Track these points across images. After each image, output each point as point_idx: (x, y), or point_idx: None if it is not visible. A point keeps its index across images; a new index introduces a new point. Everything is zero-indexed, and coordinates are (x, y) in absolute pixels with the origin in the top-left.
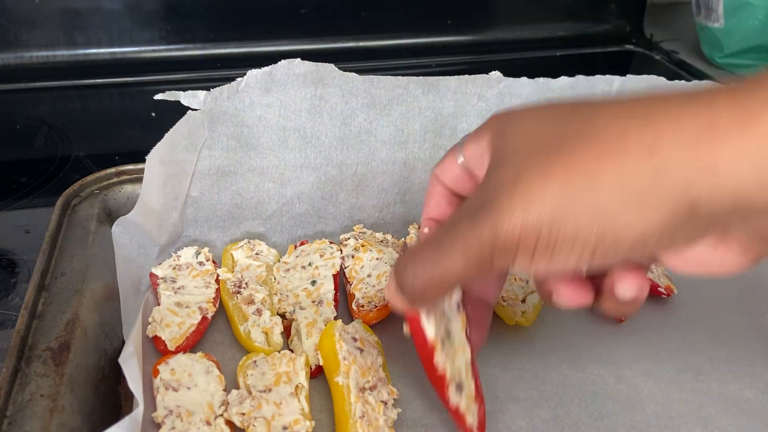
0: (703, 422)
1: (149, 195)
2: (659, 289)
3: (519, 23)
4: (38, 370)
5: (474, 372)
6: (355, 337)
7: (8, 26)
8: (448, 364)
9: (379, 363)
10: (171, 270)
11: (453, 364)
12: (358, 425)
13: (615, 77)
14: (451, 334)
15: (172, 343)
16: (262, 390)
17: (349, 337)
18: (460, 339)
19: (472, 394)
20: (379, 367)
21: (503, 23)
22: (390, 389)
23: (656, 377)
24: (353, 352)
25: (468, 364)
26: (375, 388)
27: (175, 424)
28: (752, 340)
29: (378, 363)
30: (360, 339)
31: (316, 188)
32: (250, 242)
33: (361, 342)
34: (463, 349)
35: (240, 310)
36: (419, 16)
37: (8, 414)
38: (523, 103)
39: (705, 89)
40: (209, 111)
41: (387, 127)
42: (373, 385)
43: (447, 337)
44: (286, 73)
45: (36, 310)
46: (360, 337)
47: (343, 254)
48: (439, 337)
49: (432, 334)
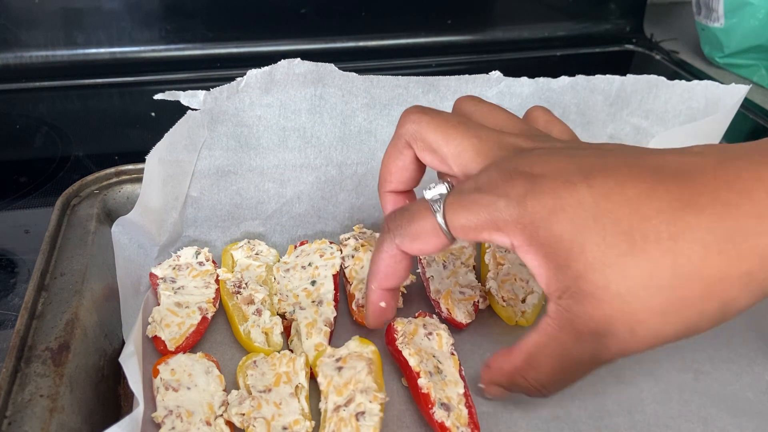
0: (704, 422)
1: (149, 195)
2: None
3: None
4: (38, 371)
5: (468, 403)
6: (338, 358)
7: (8, 26)
8: (433, 386)
9: (364, 373)
10: (171, 270)
11: (442, 390)
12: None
13: (615, 77)
14: (442, 372)
15: (172, 343)
16: (261, 390)
17: (332, 360)
18: (452, 376)
19: (463, 419)
20: (367, 376)
21: (503, 23)
22: (374, 395)
23: (656, 377)
24: (330, 374)
25: (461, 396)
26: (351, 401)
27: (175, 425)
28: (753, 339)
29: (363, 373)
30: (343, 358)
31: (316, 188)
32: (250, 242)
33: (343, 360)
34: (455, 384)
35: (240, 310)
36: (419, 16)
37: (8, 414)
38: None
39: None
40: (209, 111)
41: (387, 127)
42: (348, 400)
43: (437, 372)
44: (286, 73)
45: (36, 310)
46: (344, 356)
47: (343, 254)
48: (427, 370)
49: (414, 363)
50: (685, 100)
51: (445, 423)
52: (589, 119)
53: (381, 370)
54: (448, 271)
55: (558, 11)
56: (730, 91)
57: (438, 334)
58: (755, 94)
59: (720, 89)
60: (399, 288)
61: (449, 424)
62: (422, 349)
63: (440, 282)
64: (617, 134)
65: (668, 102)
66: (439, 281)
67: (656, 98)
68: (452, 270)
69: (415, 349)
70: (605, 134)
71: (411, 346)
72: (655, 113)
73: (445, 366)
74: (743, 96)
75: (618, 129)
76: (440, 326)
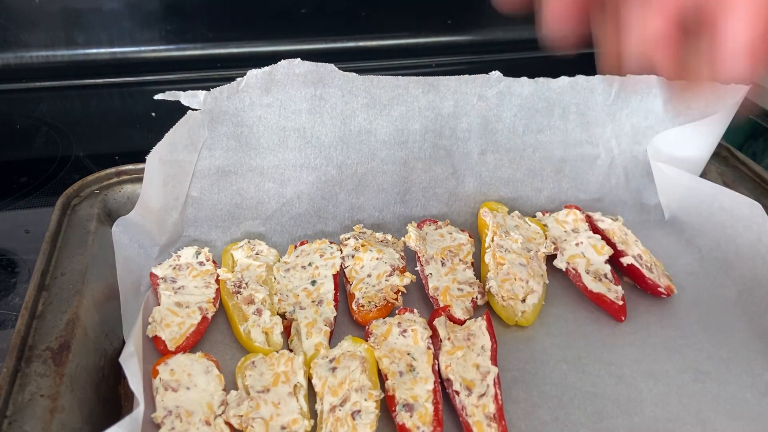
0: (702, 425)
1: (149, 195)
2: (659, 289)
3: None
4: (38, 370)
5: (435, 399)
6: (332, 359)
7: (8, 26)
8: (398, 389)
9: (358, 372)
10: (171, 270)
11: (411, 388)
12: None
13: (615, 77)
14: (414, 369)
15: (172, 343)
16: (260, 390)
17: (325, 361)
18: (424, 371)
19: (428, 417)
20: (361, 374)
21: (503, 23)
22: (369, 393)
23: (656, 377)
24: (324, 376)
25: (429, 393)
26: (347, 400)
27: (174, 425)
28: (751, 340)
29: (357, 372)
30: (337, 358)
31: (316, 188)
32: (250, 242)
33: (337, 360)
34: (426, 380)
35: (240, 310)
36: (419, 16)
37: (8, 414)
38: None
39: None
40: (209, 111)
41: (387, 127)
42: (344, 399)
43: (409, 371)
44: (286, 73)
45: (36, 310)
46: (338, 356)
47: (343, 254)
48: (396, 371)
49: (384, 366)
50: (685, 100)
51: (405, 425)
52: (589, 119)
53: (375, 368)
54: (446, 269)
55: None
56: (730, 90)
57: (413, 329)
58: (755, 94)
59: (720, 89)
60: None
61: (410, 425)
62: (395, 349)
63: (438, 279)
64: (617, 133)
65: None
66: (437, 278)
67: (656, 98)
68: (450, 267)
69: (387, 350)
70: (605, 134)
71: (383, 347)
72: (654, 113)
73: (419, 362)
74: (743, 96)
75: (618, 129)
76: (417, 321)
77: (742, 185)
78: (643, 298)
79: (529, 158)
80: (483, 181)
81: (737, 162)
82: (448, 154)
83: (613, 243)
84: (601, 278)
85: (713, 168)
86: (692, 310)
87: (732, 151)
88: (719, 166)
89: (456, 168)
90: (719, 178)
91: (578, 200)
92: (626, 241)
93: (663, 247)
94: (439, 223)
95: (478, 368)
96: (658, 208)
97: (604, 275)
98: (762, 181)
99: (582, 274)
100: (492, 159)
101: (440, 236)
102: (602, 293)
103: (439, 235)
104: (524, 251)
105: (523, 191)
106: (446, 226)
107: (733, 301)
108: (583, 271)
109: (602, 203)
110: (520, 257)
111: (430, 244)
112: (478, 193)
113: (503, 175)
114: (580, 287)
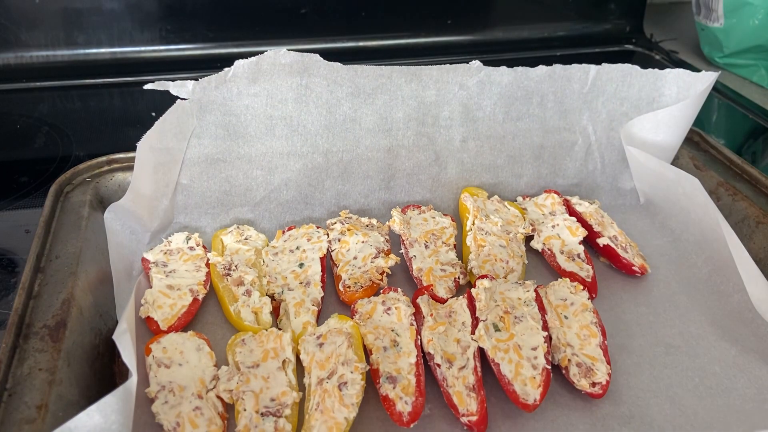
0: (671, 401)
1: (140, 182)
2: (633, 268)
3: (519, 23)
4: (36, 346)
5: (417, 371)
6: (319, 335)
7: (8, 26)
8: (382, 362)
9: (345, 347)
10: (162, 255)
11: (394, 362)
12: (313, 417)
13: (591, 66)
14: (398, 344)
15: (165, 323)
16: (250, 366)
17: (313, 338)
18: (407, 346)
19: (411, 388)
20: (347, 349)
21: (503, 23)
22: (355, 366)
23: (629, 350)
24: (312, 351)
25: (412, 366)
26: (334, 373)
27: (168, 399)
28: (720, 317)
29: (343, 347)
30: (323, 335)
31: (303, 175)
32: (240, 227)
33: (324, 337)
34: (408, 354)
35: (230, 291)
36: (419, 16)
37: (8, 387)
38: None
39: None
40: (198, 100)
41: (371, 116)
42: (331, 372)
43: (393, 346)
44: (273, 63)
45: (33, 290)
46: (325, 332)
47: (330, 238)
48: (381, 346)
49: (369, 341)
50: (658, 88)
51: (389, 395)
52: (567, 107)
53: (361, 343)
54: (430, 251)
55: (558, 11)
56: (700, 78)
57: (397, 307)
58: (755, 94)
59: (691, 77)
60: None
61: (393, 395)
62: (379, 326)
63: (422, 261)
64: (593, 120)
65: (642, 89)
66: (421, 260)
67: (630, 86)
68: (433, 249)
69: (372, 327)
70: (582, 120)
71: (368, 324)
72: (629, 100)
73: (402, 338)
74: (713, 82)
75: (594, 116)
76: (401, 300)
77: (713, 168)
78: (618, 276)
79: (509, 145)
80: (465, 167)
81: (708, 146)
82: (430, 141)
83: (590, 225)
84: (575, 258)
85: (685, 152)
86: (665, 288)
87: (703, 136)
88: (691, 150)
89: (438, 155)
90: (690, 162)
91: (557, 185)
92: (602, 223)
93: (638, 229)
94: (423, 208)
95: (458, 343)
96: (634, 192)
97: (578, 255)
98: (731, 163)
99: (556, 254)
100: (473, 146)
101: (424, 220)
102: (574, 272)
103: (423, 220)
104: (504, 233)
105: (503, 177)
106: (429, 211)
107: (703, 281)
108: (558, 252)
109: (580, 188)
110: (500, 239)
111: (413, 228)
112: (460, 179)
113: (484, 162)
114: (554, 266)
